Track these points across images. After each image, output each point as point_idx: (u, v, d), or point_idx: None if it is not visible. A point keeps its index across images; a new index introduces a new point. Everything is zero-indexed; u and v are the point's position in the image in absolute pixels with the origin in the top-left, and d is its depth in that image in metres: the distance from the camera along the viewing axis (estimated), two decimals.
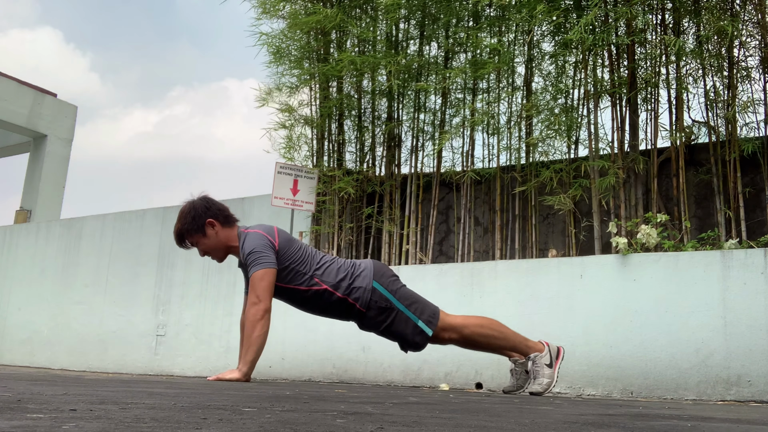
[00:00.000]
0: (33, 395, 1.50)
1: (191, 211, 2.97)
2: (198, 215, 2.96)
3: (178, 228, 2.99)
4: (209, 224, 2.96)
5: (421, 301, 2.98)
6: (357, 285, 2.92)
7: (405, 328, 2.92)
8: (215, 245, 2.99)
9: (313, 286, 2.92)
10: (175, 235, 3.02)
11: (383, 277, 2.96)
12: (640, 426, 1.38)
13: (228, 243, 3.00)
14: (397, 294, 2.94)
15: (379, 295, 2.91)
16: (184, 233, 2.99)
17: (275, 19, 5.17)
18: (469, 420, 1.37)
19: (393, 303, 2.92)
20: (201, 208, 2.97)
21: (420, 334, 2.92)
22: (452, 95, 4.87)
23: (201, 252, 3.03)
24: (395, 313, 2.91)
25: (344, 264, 3.00)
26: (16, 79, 9.41)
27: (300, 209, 4.81)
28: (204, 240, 2.98)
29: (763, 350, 3.01)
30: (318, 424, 1.14)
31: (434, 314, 2.95)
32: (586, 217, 4.31)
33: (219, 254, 3.03)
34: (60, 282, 6.17)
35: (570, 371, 3.40)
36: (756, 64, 4.05)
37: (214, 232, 2.97)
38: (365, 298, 2.91)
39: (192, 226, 2.95)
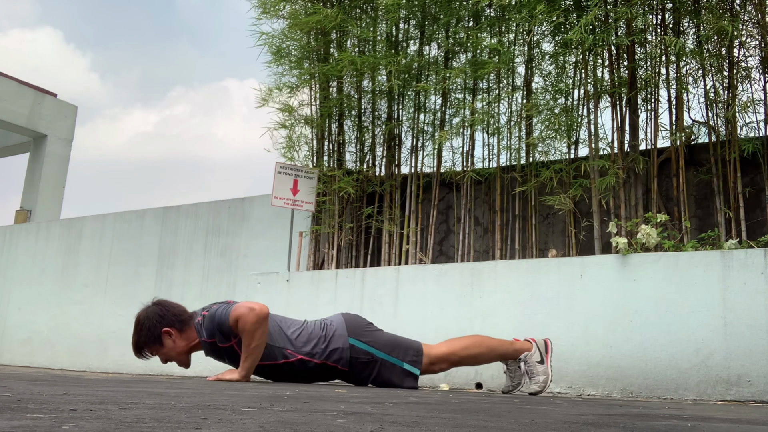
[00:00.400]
0: (33, 395, 1.50)
1: (145, 323, 2.87)
2: (153, 326, 2.86)
3: (135, 341, 2.90)
4: (165, 333, 2.87)
5: (401, 344, 2.95)
6: (333, 347, 2.86)
7: (392, 375, 2.91)
8: (176, 352, 2.90)
9: (289, 358, 2.86)
10: (133, 348, 2.92)
11: (357, 329, 2.92)
12: (640, 426, 1.38)
13: (189, 345, 2.90)
14: (376, 343, 2.91)
15: (358, 350, 2.88)
16: (142, 346, 2.91)
17: (275, 19, 5.18)
18: (469, 420, 1.37)
19: (374, 354, 2.89)
20: (155, 318, 2.87)
21: (409, 376, 2.93)
22: (452, 95, 4.87)
23: (163, 360, 2.94)
24: (379, 363, 2.89)
25: (315, 328, 2.93)
26: (16, 79, 9.41)
27: (300, 209, 4.81)
28: (162, 350, 2.89)
29: (763, 350, 3.01)
30: (318, 424, 1.14)
31: (418, 352, 2.94)
32: (586, 217, 4.31)
33: (182, 359, 2.93)
34: (60, 282, 6.17)
35: (570, 371, 3.40)
36: (756, 64, 4.05)
37: (172, 341, 2.88)
38: (345, 357, 2.87)
39: (148, 338, 2.87)
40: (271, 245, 5.24)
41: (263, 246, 5.28)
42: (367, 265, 4.84)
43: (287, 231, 4.92)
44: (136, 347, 2.93)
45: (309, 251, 4.99)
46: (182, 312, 2.96)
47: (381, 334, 2.98)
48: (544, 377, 2.92)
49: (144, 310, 2.94)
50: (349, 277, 4.25)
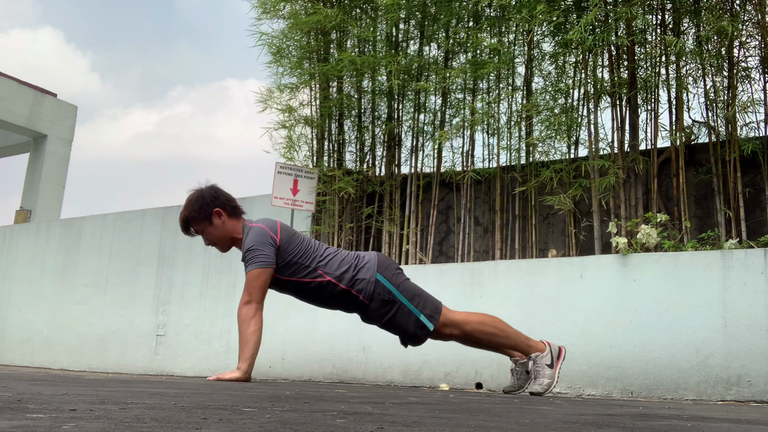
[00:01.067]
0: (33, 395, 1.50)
1: (199, 199, 2.97)
2: (206, 203, 2.95)
3: (185, 215, 2.99)
4: (216, 213, 2.95)
5: (423, 296, 2.98)
6: (360, 277, 2.92)
7: (407, 322, 2.92)
8: (221, 235, 2.99)
9: (317, 278, 2.92)
10: (181, 222, 3.01)
11: (387, 270, 2.96)
12: (640, 426, 1.38)
13: (233, 234, 3.00)
14: (401, 287, 2.94)
15: (382, 288, 2.91)
16: (191, 220, 2.99)
17: (275, 19, 5.18)
18: (469, 420, 1.37)
19: (396, 296, 2.92)
20: (209, 196, 2.97)
21: (421, 329, 2.92)
22: (452, 95, 4.87)
23: (206, 241, 3.04)
24: (398, 305, 2.91)
25: (348, 256, 3.00)
26: (17, 79, 9.41)
27: (300, 209, 4.81)
28: (210, 229, 2.98)
29: (763, 350, 3.01)
30: (318, 424, 1.14)
31: (436, 309, 2.95)
32: (586, 217, 4.31)
33: (224, 245, 3.03)
34: (60, 282, 6.17)
35: (570, 371, 3.40)
36: (756, 64, 4.05)
37: (221, 222, 2.97)
38: (368, 290, 2.91)
39: (199, 214, 2.95)
40: None
41: None
42: None
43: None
44: (185, 222, 2.99)
45: None
46: (234, 200, 3.06)
47: (407, 281, 3.01)
48: (549, 381, 2.91)
49: (197, 190, 3.02)
50: None
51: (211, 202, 2.96)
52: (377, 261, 2.98)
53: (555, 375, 2.93)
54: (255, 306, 2.85)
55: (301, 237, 3.00)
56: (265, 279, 2.87)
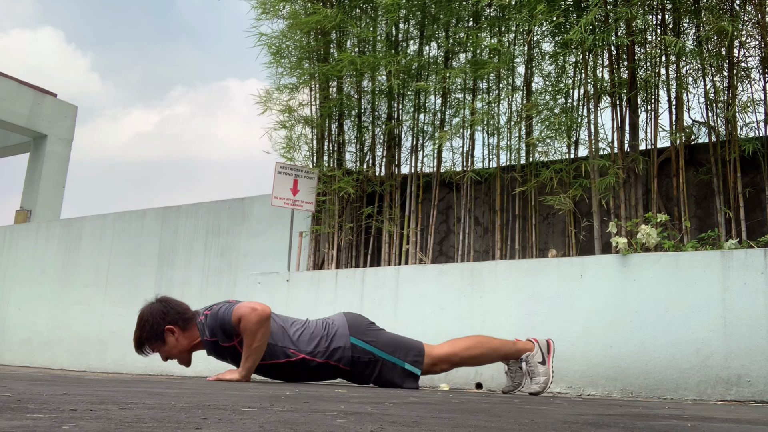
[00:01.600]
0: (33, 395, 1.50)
1: (149, 319, 2.85)
2: (156, 323, 2.84)
3: (137, 337, 2.89)
4: (168, 331, 2.86)
5: (403, 344, 2.96)
6: (335, 346, 2.87)
7: (393, 375, 2.92)
8: (178, 350, 2.89)
9: (291, 357, 2.87)
10: (135, 344, 2.91)
11: (359, 329, 2.92)
12: (640, 426, 1.38)
13: (191, 344, 2.91)
14: (378, 343, 2.91)
15: (360, 350, 2.88)
16: (144, 341, 2.89)
17: (275, 19, 5.18)
18: (469, 420, 1.37)
19: (376, 354, 2.89)
20: (158, 314, 2.86)
21: (410, 376, 2.93)
22: (452, 95, 4.87)
23: (164, 358, 2.93)
24: (380, 363, 2.89)
25: (317, 327, 2.93)
26: (16, 79, 9.41)
27: (300, 209, 4.81)
28: (165, 348, 2.88)
29: (763, 350, 3.01)
30: (318, 424, 1.14)
31: (419, 352, 2.94)
32: (586, 217, 4.31)
33: (184, 357, 2.93)
34: (60, 282, 6.17)
35: (570, 371, 3.40)
36: (756, 64, 4.05)
37: (174, 339, 2.87)
38: (347, 356, 2.88)
39: (150, 335, 2.85)
40: (271, 245, 5.24)
41: (263, 246, 5.28)
42: (367, 265, 4.84)
43: (287, 231, 4.92)
44: (138, 343, 2.92)
45: (309, 251, 4.99)
46: (185, 310, 2.95)
47: (383, 334, 2.98)
48: (545, 378, 2.92)
49: (147, 307, 2.93)
50: (349, 277, 4.25)
51: (161, 320, 2.85)
52: (347, 324, 2.92)
53: (549, 371, 2.94)
54: (260, 315, 2.75)
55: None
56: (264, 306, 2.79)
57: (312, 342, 2.88)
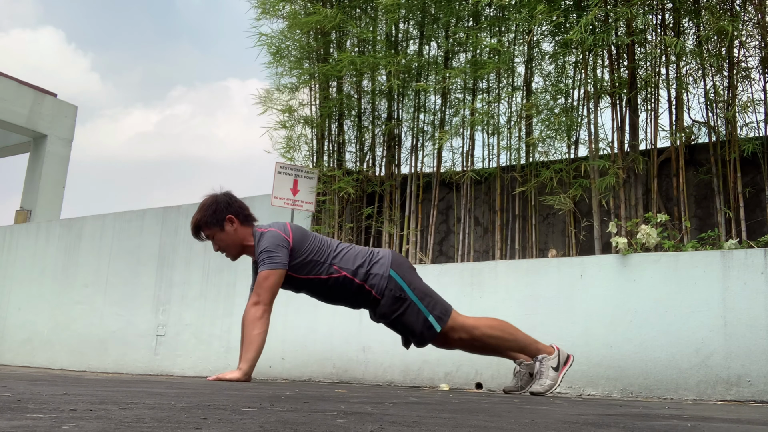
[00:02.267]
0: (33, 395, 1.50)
1: (213, 205, 2.96)
2: (219, 209, 2.95)
3: (197, 219, 2.98)
4: (228, 220, 2.95)
5: (434, 297, 2.98)
6: (374, 272, 2.92)
7: (416, 321, 2.92)
8: (231, 242, 2.98)
9: (333, 274, 2.93)
10: (192, 226, 3.00)
11: (400, 267, 2.96)
12: (640, 426, 1.38)
13: (244, 242, 3.00)
14: (413, 285, 2.95)
15: (394, 284, 2.91)
16: (202, 225, 2.98)
17: (275, 19, 5.18)
18: (469, 420, 1.37)
19: (407, 293, 2.92)
20: (223, 202, 2.97)
21: (429, 329, 2.93)
22: (452, 95, 4.87)
23: (215, 246, 3.03)
24: (408, 303, 2.92)
25: (362, 251, 3.01)
26: (16, 79, 9.41)
27: (300, 209, 4.81)
28: (221, 235, 2.97)
29: (763, 350, 3.01)
30: (318, 424, 1.14)
31: (446, 311, 2.95)
32: (586, 217, 4.31)
33: (233, 251, 3.02)
34: (60, 282, 6.17)
35: (570, 371, 3.40)
36: (756, 64, 4.05)
37: (233, 229, 2.96)
38: (381, 285, 2.91)
39: (211, 219, 2.94)
40: None
41: None
42: None
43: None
44: (196, 226, 2.99)
45: None
46: (248, 208, 3.05)
47: (420, 281, 3.01)
48: (551, 382, 2.91)
49: (213, 194, 3.01)
50: None
51: (225, 208, 2.95)
52: (391, 257, 2.98)
53: (558, 378, 2.93)
54: (263, 308, 2.85)
55: (313, 235, 3.00)
56: (275, 280, 2.87)
57: (356, 262, 2.94)
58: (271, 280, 2.86)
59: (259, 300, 2.85)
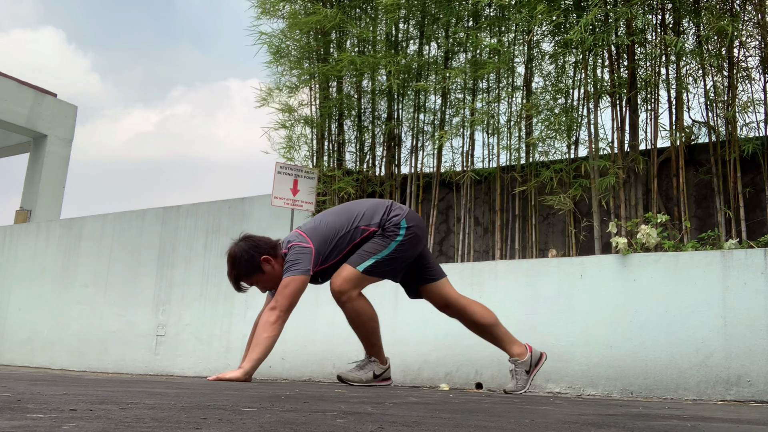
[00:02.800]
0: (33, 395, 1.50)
1: (243, 255, 2.97)
2: (252, 257, 2.96)
3: (236, 274, 2.99)
4: (265, 261, 2.97)
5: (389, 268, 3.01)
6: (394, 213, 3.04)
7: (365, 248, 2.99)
8: (275, 278, 3.00)
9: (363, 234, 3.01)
10: (233, 282, 3.01)
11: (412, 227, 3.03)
12: (640, 426, 1.38)
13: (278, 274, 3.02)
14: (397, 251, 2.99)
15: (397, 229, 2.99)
16: (243, 278, 2.99)
17: (275, 19, 5.18)
18: (469, 420, 1.37)
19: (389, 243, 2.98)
20: (251, 248, 2.98)
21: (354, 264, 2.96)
22: (452, 95, 4.87)
23: (262, 289, 3.07)
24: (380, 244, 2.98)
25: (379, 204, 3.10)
26: (16, 79, 9.41)
27: (300, 209, 4.81)
28: (263, 277, 3.00)
29: (763, 350, 3.01)
30: (318, 424, 1.14)
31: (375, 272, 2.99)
32: (586, 217, 4.31)
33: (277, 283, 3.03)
34: (60, 282, 6.17)
35: (570, 371, 3.40)
36: (756, 64, 4.05)
37: (271, 267, 2.99)
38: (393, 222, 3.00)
39: (250, 269, 2.97)
40: None
41: None
42: None
43: (287, 231, 4.91)
44: (236, 280, 3.02)
45: None
46: (270, 240, 3.09)
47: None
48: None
49: (235, 246, 3.04)
50: None
51: (256, 252, 2.97)
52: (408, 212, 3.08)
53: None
54: (278, 314, 2.87)
55: (325, 223, 3.03)
56: (296, 287, 2.89)
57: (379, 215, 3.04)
58: (292, 287, 2.88)
59: (276, 306, 2.87)
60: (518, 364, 3.07)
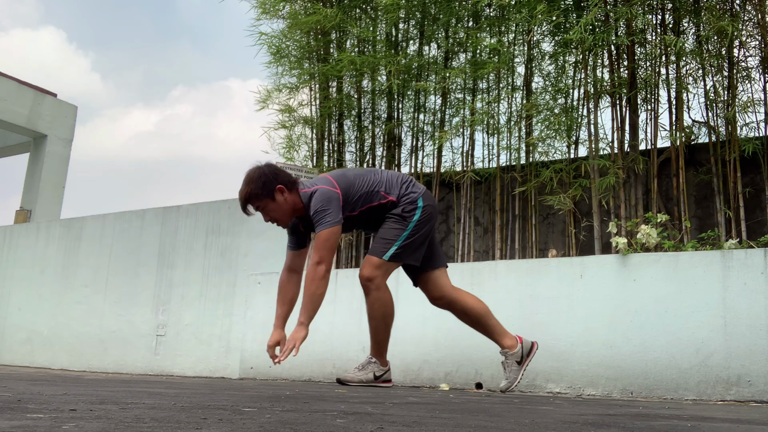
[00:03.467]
0: (33, 395, 1.50)
1: (261, 177, 2.97)
2: (268, 181, 2.97)
3: (247, 192, 2.98)
4: (279, 190, 2.97)
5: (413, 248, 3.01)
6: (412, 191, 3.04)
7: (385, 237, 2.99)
8: (284, 211, 3.01)
9: (381, 200, 3.02)
10: (242, 200, 3.01)
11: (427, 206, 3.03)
12: (640, 426, 1.38)
13: (294, 207, 3.03)
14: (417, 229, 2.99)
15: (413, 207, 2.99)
16: (252, 198, 2.99)
17: (275, 19, 5.18)
18: (469, 420, 1.37)
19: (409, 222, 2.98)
20: (270, 174, 2.99)
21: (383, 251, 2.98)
22: (452, 95, 4.87)
23: (266, 218, 3.06)
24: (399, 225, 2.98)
25: (401, 177, 3.11)
26: (16, 79, 9.41)
27: None
28: (272, 205, 3.00)
29: (763, 350, 3.01)
30: (318, 424, 1.14)
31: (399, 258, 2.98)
32: (586, 217, 4.31)
33: (286, 219, 3.06)
34: (60, 282, 6.17)
35: (570, 371, 3.40)
36: (756, 64, 4.05)
37: (283, 198, 2.99)
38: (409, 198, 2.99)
39: (262, 191, 2.96)
40: (271, 245, 5.24)
41: (263, 246, 5.28)
42: None
43: (287, 231, 4.91)
44: (246, 199, 3.01)
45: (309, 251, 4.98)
46: (290, 176, 3.09)
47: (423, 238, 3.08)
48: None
49: (256, 167, 3.04)
50: (349, 277, 4.25)
51: (274, 179, 2.98)
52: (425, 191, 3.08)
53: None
54: (325, 267, 2.91)
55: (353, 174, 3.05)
56: (335, 239, 2.94)
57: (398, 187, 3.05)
58: (332, 239, 2.92)
59: (321, 260, 2.90)
60: (509, 356, 3.08)
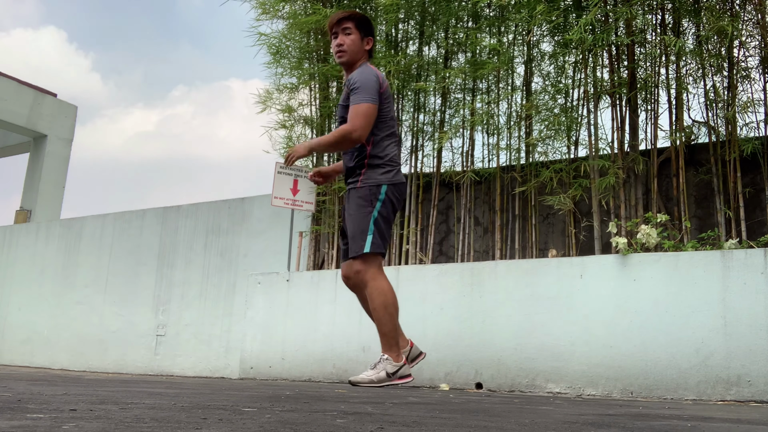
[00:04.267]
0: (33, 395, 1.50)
1: (369, 20, 3.14)
2: (371, 26, 3.13)
3: (354, 12, 3.11)
4: (368, 40, 3.10)
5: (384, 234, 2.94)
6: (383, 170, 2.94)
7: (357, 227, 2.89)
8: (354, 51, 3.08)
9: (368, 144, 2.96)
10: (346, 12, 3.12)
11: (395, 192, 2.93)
12: (640, 426, 1.38)
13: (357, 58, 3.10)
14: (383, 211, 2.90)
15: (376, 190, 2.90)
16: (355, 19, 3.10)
17: (275, 19, 5.18)
18: (469, 420, 1.37)
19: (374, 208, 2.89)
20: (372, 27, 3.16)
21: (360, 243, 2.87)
22: (452, 95, 4.87)
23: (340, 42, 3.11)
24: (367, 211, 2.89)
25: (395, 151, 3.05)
26: (17, 79, 9.41)
27: (300, 209, 4.81)
28: (355, 38, 3.09)
29: (763, 350, 3.01)
30: (318, 424, 1.14)
31: (381, 247, 2.89)
32: (586, 217, 4.31)
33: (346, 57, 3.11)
34: (60, 282, 6.17)
35: (570, 371, 3.40)
36: (756, 64, 4.05)
37: (363, 44, 3.10)
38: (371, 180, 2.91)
39: (364, 23, 3.10)
40: (271, 245, 5.24)
41: (263, 246, 5.28)
42: None
43: (287, 231, 4.91)
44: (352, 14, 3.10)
45: (309, 251, 4.99)
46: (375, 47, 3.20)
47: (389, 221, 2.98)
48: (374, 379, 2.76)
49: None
50: None
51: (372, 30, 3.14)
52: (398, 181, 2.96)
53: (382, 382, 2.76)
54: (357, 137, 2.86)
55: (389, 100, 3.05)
56: (372, 113, 2.92)
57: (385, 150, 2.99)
58: (369, 112, 2.91)
59: (355, 129, 2.85)
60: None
